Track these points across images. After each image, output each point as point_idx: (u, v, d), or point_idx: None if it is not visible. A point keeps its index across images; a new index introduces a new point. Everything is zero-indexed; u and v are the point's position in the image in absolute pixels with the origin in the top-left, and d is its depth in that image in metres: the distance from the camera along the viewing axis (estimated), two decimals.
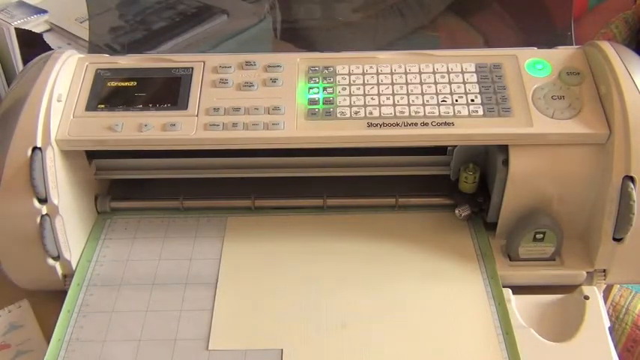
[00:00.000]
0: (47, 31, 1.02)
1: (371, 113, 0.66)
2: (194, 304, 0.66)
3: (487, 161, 0.72)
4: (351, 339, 0.63)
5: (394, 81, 0.69)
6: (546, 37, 0.76)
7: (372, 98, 0.68)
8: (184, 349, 0.62)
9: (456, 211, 0.72)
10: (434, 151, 0.72)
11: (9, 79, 0.97)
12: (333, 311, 0.65)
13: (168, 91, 0.69)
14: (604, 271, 0.68)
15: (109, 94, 0.69)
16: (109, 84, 0.70)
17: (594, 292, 0.66)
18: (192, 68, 0.71)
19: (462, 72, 0.69)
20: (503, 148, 0.67)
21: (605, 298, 0.71)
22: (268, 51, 0.92)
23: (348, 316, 0.64)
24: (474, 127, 0.65)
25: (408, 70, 0.70)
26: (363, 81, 0.69)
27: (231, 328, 0.64)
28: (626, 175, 0.63)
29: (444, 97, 0.67)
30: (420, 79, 0.69)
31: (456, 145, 0.70)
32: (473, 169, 0.71)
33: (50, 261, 0.66)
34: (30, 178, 0.63)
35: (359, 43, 0.96)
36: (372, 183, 0.75)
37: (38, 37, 1.00)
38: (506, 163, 0.66)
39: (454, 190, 0.73)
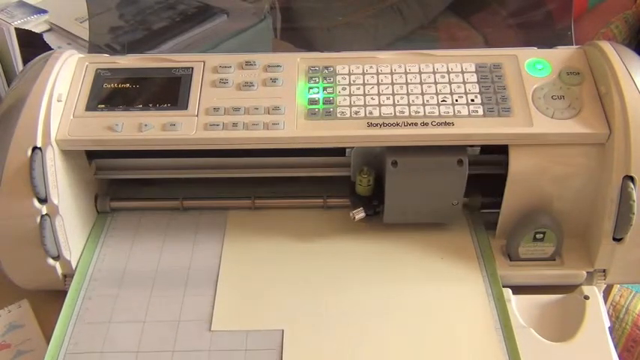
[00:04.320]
0: (47, 31, 1.02)
1: (371, 113, 0.66)
2: (196, 292, 0.66)
3: (382, 164, 0.71)
4: (350, 329, 0.63)
5: (394, 81, 0.69)
6: (546, 37, 0.76)
7: (372, 98, 0.68)
8: (187, 330, 0.63)
9: (350, 214, 0.71)
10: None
11: (9, 79, 0.97)
12: (333, 303, 0.65)
13: (168, 91, 0.69)
14: (604, 271, 0.68)
15: (109, 94, 0.69)
16: (109, 84, 0.70)
17: (594, 292, 0.66)
18: (192, 68, 0.71)
19: (462, 72, 0.69)
20: (392, 150, 0.66)
21: (605, 298, 0.71)
22: (268, 51, 0.93)
23: (346, 313, 0.64)
24: (474, 127, 0.65)
25: (408, 70, 0.70)
26: (363, 81, 0.69)
27: (233, 310, 0.65)
28: (626, 175, 0.63)
29: (444, 97, 0.67)
30: (420, 79, 0.69)
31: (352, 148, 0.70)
32: (367, 173, 0.70)
33: (50, 261, 0.66)
34: (30, 178, 0.63)
35: (359, 43, 0.97)
36: None
37: (38, 37, 1.00)
38: (395, 164, 0.66)
39: (351, 193, 0.72)
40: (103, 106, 0.68)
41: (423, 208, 0.70)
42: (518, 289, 0.67)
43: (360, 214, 0.70)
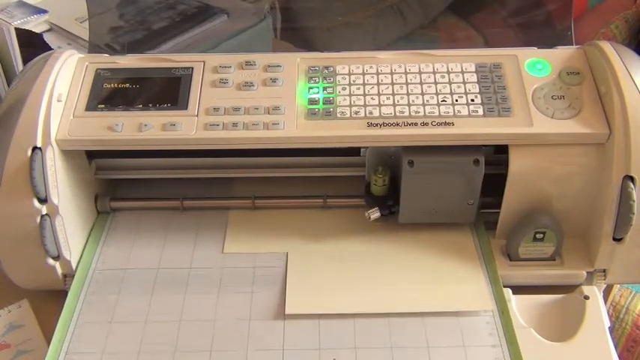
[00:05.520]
0: (47, 31, 1.02)
1: (371, 113, 0.66)
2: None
3: (397, 163, 0.71)
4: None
5: (394, 81, 0.69)
6: (546, 37, 0.76)
7: (372, 98, 0.68)
8: (202, 252, 0.70)
9: (366, 214, 0.71)
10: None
11: (9, 79, 0.97)
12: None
13: (168, 91, 0.69)
14: (604, 271, 0.68)
15: (109, 94, 0.69)
16: (109, 84, 0.70)
17: (594, 292, 0.66)
18: (192, 68, 0.71)
19: (462, 72, 0.69)
20: (408, 150, 0.67)
21: (605, 298, 0.71)
22: (268, 51, 0.93)
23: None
24: (474, 127, 0.65)
25: (408, 70, 0.70)
26: (363, 81, 0.69)
27: (243, 235, 0.72)
28: (626, 175, 0.63)
29: (444, 97, 0.67)
30: (420, 79, 0.69)
31: (367, 147, 0.70)
32: (382, 172, 0.71)
33: (50, 261, 0.66)
34: (30, 178, 0.63)
35: (359, 43, 0.97)
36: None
37: (38, 37, 1.00)
38: (411, 164, 0.66)
39: (366, 193, 0.73)
40: (103, 106, 0.68)
41: (438, 208, 0.70)
42: (518, 289, 0.67)
43: (375, 213, 0.71)
